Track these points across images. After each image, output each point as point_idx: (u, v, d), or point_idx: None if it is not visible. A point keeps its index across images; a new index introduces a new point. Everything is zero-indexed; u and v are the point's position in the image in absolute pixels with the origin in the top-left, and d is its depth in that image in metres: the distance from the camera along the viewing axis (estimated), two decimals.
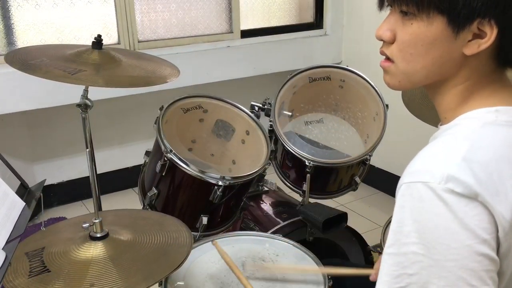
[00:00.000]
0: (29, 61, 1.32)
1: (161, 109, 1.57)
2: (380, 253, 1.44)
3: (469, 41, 0.73)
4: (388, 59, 0.82)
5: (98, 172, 1.59)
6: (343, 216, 1.57)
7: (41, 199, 1.12)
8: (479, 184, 0.67)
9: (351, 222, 1.63)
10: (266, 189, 1.96)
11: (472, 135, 0.73)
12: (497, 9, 0.70)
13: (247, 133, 1.72)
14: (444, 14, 0.72)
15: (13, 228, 0.92)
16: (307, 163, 1.62)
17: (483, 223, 0.67)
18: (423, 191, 0.68)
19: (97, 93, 1.58)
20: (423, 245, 0.68)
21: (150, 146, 1.65)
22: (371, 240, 1.74)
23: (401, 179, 0.73)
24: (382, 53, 0.83)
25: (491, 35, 0.71)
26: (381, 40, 0.82)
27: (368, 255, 1.69)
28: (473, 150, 0.70)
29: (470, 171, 0.68)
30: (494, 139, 0.72)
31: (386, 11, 0.82)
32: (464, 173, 0.68)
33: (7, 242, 0.86)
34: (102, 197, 1.75)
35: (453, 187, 0.67)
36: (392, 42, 0.80)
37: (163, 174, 1.50)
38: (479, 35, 0.72)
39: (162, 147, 1.48)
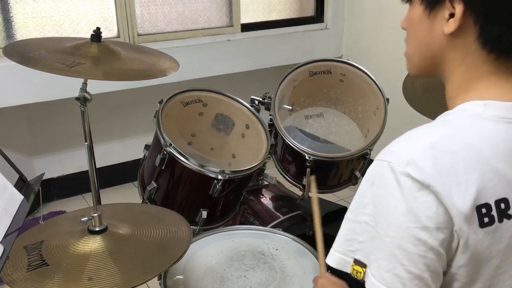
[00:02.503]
0: (28, 54, 1.31)
1: (160, 102, 1.57)
2: None
3: (448, 20, 0.75)
4: None
5: (98, 166, 1.58)
6: (343, 211, 1.57)
7: (40, 192, 1.12)
8: (438, 172, 0.69)
9: None
10: (266, 183, 1.95)
11: (454, 125, 0.75)
12: None
13: (247, 127, 1.72)
14: None
15: (11, 222, 0.92)
16: (307, 157, 1.62)
17: (429, 211, 0.69)
18: (385, 170, 0.72)
19: (96, 86, 1.57)
20: (374, 218, 0.73)
21: (149, 140, 1.65)
22: None
23: (378, 155, 0.77)
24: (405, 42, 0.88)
25: (458, 11, 0.73)
26: (404, 29, 0.87)
27: None
28: (445, 139, 0.72)
29: (432, 159, 0.70)
30: (474, 131, 0.73)
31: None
32: (425, 160, 0.70)
33: (5, 236, 0.85)
34: (102, 191, 1.74)
35: (409, 171, 0.70)
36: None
37: (163, 168, 1.50)
38: (455, 14, 0.74)
39: (162, 141, 1.48)
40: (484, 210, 0.71)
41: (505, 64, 0.76)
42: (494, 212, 0.71)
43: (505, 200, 0.72)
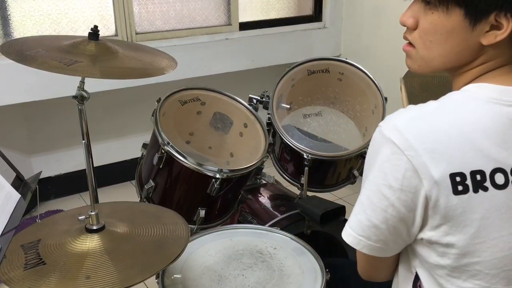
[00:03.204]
0: (25, 52, 1.31)
1: (158, 101, 1.56)
2: None
3: (487, 31, 0.78)
4: (410, 44, 0.88)
5: (96, 164, 1.58)
6: (341, 210, 1.57)
7: (37, 191, 1.12)
8: (416, 140, 0.76)
9: (349, 216, 1.62)
10: (264, 182, 1.95)
11: (446, 101, 0.81)
12: None
13: (245, 125, 1.71)
14: (462, 7, 0.77)
15: (8, 220, 0.92)
16: (305, 156, 1.62)
17: (397, 174, 0.77)
18: (377, 132, 0.82)
19: (94, 85, 1.57)
20: (366, 174, 0.84)
21: (147, 138, 1.64)
22: None
23: None
24: (405, 38, 0.89)
25: (507, 27, 0.76)
26: (404, 26, 0.87)
27: None
28: (433, 111, 0.79)
29: (414, 127, 0.77)
30: (462, 107, 0.79)
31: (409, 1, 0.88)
32: (406, 127, 0.77)
33: (1, 234, 0.85)
34: (100, 190, 1.74)
35: (390, 135, 0.78)
36: (414, 28, 0.85)
37: (161, 166, 1.49)
38: (497, 26, 0.77)
39: (160, 140, 1.47)
40: (458, 179, 0.76)
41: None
42: (468, 182, 0.76)
43: (481, 172, 0.76)
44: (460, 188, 0.76)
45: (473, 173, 0.76)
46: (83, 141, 1.34)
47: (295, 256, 1.32)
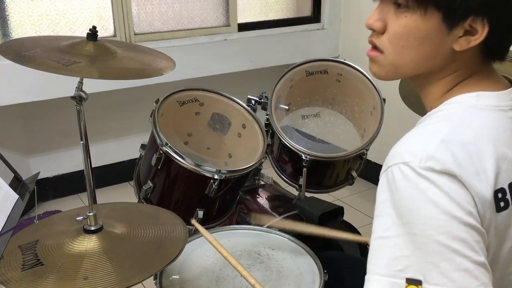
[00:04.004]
0: (23, 52, 1.31)
1: (156, 102, 1.56)
2: None
3: (460, 37, 0.74)
4: (376, 48, 0.81)
5: (94, 165, 1.58)
6: (339, 210, 1.57)
7: (35, 192, 1.11)
8: (457, 163, 0.68)
9: (347, 217, 1.62)
10: (262, 183, 1.95)
11: (452, 117, 0.75)
12: (493, 9, 0.72)
13: (244, 126, 1.71)
14: (440, 10, 0.73)
15: (6, 221, 0.92)
16: (303, 157, 1.62)
17: (466, 197, 0.68)
18: (405, 170, 0.69)
19: (93, 86, 1.57)
20: (412, 224, 0.68)
21: (146, 139, 1.64)
22: (367, 234, 1.74)
23: (385, 162, 0.73)
24: (371, 42, 0.82)
25: (482, 32, 0.73)
26: (371, 29, 0.81)
27: (364, 249, 1.69)
28: (453, 131, 0.72)
29: (449, 152, 0.69)
30: (474, 121, 0.74)
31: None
32: (442, 153, 0.69)
33: None
34: (98, 191, 1.74)
35: (432, 165, 0.68)
36: (382, 32, 0.79)
37: (159, 167, 1.49)
38: (470, 32, 0.74)
39: (158, 140, 1.47)
40: (500, 195, 0.71)
41: (489, 63, 0.80)
42: (508, 196, 0.72)
43: None
44: (502, 204, 0.71)
45: (510, 186, 0.73)
46: (81, 142, 1.35)
47: (293, 257, 1.32)
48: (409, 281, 0.67)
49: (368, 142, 1.67)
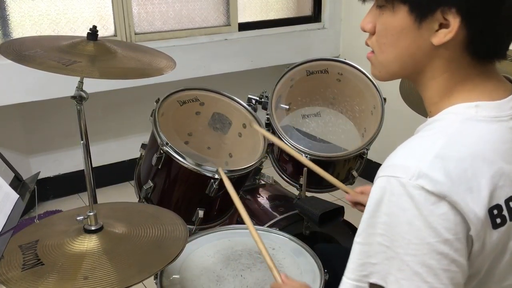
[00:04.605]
0: (24, 52, 1.31)
1: (157, 101, 1.56)
2: None
3: (436, 31, 0.74)
4: (372, 50, 0.84)
5: (94, 165, 1.58)
6: (339, 210, 1.57)
7: (35, 191, 1.11)
8: (451, 182, 0.68)
9: (348, 216, 1.62)
10: (262, 182, 1.95)
11: (449, 131, 0.73)
12: None
13: (244, 126, 1.71)
14: (406, 4, 0.74)
15: (6, 221, 0.92)
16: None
17: (448, 223, 0.68)
18: (394, 185, 0.69)
19: (93, 85, 1.57)
20: (388, 237, 0.70)
21: (146, 139, 1.64)
22: None
23: (378, 171, 0.74)
24: (366, 44, 0.85)
25: (454, 24, 0.72)
26: (364, 31, 0.84)
27: None
28: (448, 146, 0.71)
29: (442, 169, 0.68)
30: (472, 135, 0.73)
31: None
32: (435, 170, 0.68)
33: (0, 235, 0.85)
34: (98, 191, 1.74)
35: (423, 184, 0.68)
36: (373, 33, 0.82)
37: (159, 167, 1.49)
38: (446, 25, 0.73)
39: (158, 140, 1.47)
40: (495, 212, 0.71)
41: (486, 66, 0.77)
42: (505, 212, 0.71)
43: None
44: (498, 220, 0.71)
45: (507, 202, 0.72)
46: (82, 142, 1.34)
47: (294, 256, 1.32)
48: (372, 285, 0.72)
49: (368, 142, 1.67)
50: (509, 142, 0.73)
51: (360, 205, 1.34)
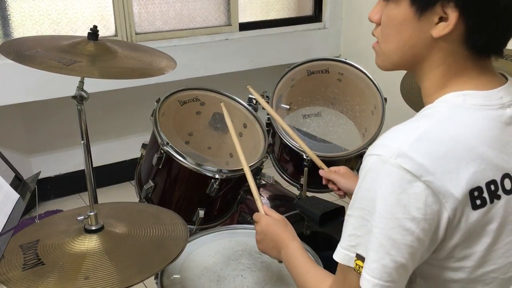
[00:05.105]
0: (24, 51, 1.31)
1: (157, 101, 1.56)
2: None
3: (436, 24, 0.76)
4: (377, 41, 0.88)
5: (95, 165, 1.58)
6: (340, 210, 1.56)
7: (36, 191, 1.11)
8: (429, 162, 0.72)
9: None
10: (263, 182, 1.95)
11: (436, 116, 0.78)
12: None
13: (245, 126, 1.71)
14: None
15: (7, 220, 0.92)
16: (304, 157, 1.61)
17: (419, 203, 0.72)
18: (377, 162, 0.74)
19: (94, 85, 1.57)
20: (368, 211, 0.75)
21: (147, 139, 1.64)
22: None
23: (367, 150, 0.79)
24: (373, 34, 0.88)
25: (452, 18, 0.74)
26: (371, 21, 0.87)
27: None
28: (432, 129, 0.75)
29: (422, 149, 0.73)
30: (457, 120, 0.76)
31: None
32: (415, 151, 0.72)
33: (0, 234, 0.85)
34: (99, 190, 1.74)
35: (401, 163, 0.72)
36: (379, 24, 0.85)
37: (160, 167, 1.49)
38: (445, 18, 0.76)
39: (159, 140, 1.47)
40: (476, 193, 0.74)
41: (482, 60, 0.80)
42: (485, 194, 0.75)
43: (494, 182, 0.75)
44: (478, 202, 0.74)
45: (488, 185, 0.75)
46: (82, 141, 1.34)
47: None
48: (358, 256, 0.77)
49: (369, 142, 1.67)
50: (495, 129, 0.76)
51: (332, 183, 1.43)
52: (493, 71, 0.82)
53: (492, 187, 0.75)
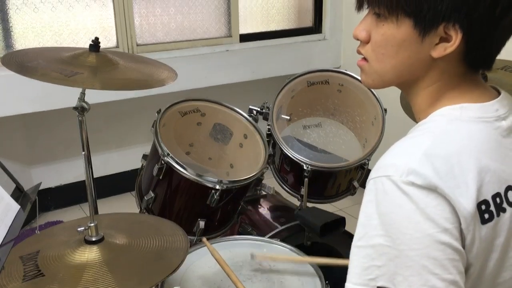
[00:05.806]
0: (26, 63, 1.31)
1: (158, 112, 1.57)
2: None
3: (436, 44, 0.75)
4: (364, 58, 0.85)
5: (96, 176, 1.58)
6: (341, 221, 1.57)
7: (37, 202, 1.11)
8: (439, 177, 0.70)
9: (349, 227, 1.61)
10: (264, 193, 1.95)
11: (436, 131, 0.76)
12: (461, 14, 0.72)
13: (245, 136, 1.72)
14: (411, 17, 0.75)
15: (7, 231, 0.91)
16: (305, 167, 1.61)
17: (444, 213, 0.69)
18: (386, 184, 0.71)
19: (95, 96, 1.58)
20: (388, 236, 0.70)
21: (147, 149, 1.64)
22: None
23: (370, 173, 0.76)
24: (358, 52, 0.86)
25: (456, 39, 0.73)
26: (357, 39, 0.85)
27: None
28: (435, 144, 0.73)
29: (430, 165, 0.70)
30: (457, 133, 0.75)
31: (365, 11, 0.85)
32: (424, 166, 0.70)
33: (0, 246, 0.85)
34: (99, 201, 1.73)
35: (413, 180, 0.69)
36: (367, 42, 0.83)
37: (160, 177, 1.49)
38: (446, 39, 0.75)
39: (160, 151, 1.47)
40: (483, 207, 0.72)
41: (475, 74, 0.80)
42: (492, 208, 0.73)
43: (499, 195, 0.74)
44: (486, 216, 0.72)
45: (494, 197, 0.73)
46: (83, 152, 1.35)
47: (295, 267, 1.32)
48: None
49: (369, 152, 1.67)
50: (493, 141, 0.76)
51: None
52: (484, 84, 0.82)
53: (498, 200, 0.74)
